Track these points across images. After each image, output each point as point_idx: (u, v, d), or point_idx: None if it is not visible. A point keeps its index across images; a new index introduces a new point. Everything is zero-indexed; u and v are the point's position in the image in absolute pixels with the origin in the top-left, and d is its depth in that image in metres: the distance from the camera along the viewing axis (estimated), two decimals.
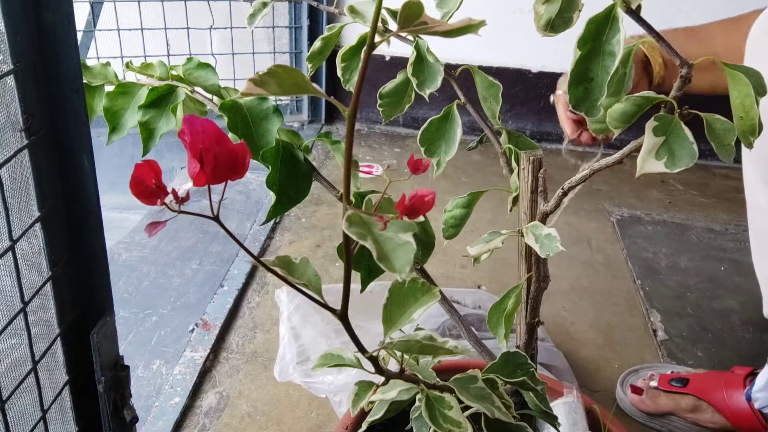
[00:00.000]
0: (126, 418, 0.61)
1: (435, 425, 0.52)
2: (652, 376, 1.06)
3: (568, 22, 0.48)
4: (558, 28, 0.48)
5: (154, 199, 0.34)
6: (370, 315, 0.85)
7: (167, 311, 1.25)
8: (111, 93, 0.67)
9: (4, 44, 0.45)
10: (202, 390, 1.06)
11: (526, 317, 0.66)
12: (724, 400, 0.98)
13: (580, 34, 0.47)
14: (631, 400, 1.06)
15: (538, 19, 0.48)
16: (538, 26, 0.48)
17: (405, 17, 0.34)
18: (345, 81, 0.66)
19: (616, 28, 0.46)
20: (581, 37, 0.47)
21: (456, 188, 1.78)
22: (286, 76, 0.34)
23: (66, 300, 0.55)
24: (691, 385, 1.02)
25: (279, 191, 0.62)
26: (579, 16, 0.48)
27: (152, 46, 1.85)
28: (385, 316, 0.50)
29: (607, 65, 0.47)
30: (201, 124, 0.33)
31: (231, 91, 0.67)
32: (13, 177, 0.48)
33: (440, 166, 0.66)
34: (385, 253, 0.33)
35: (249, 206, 1.65)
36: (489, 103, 0.68)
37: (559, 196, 0.57)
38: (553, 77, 2.08)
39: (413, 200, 0.38)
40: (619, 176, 1.91)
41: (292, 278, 0.41)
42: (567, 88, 0.48)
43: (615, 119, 0.50)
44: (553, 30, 0.48)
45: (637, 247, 1.57)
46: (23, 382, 0.53)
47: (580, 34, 0.47)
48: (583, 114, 0.48)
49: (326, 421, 1.01)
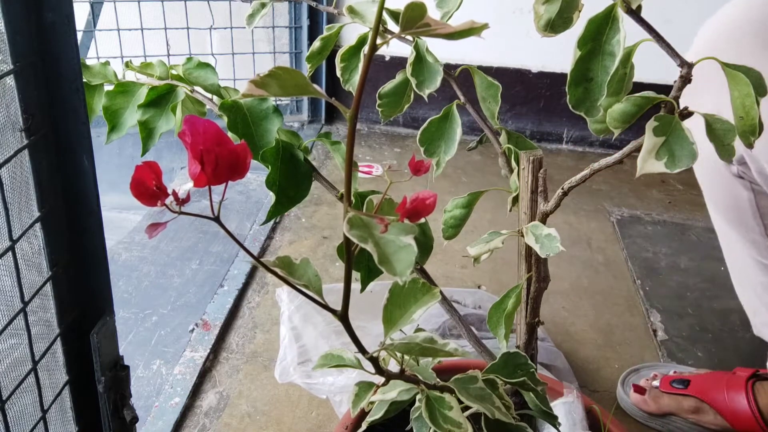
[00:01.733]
0: (126, 418, 0.61)
1: (435, 425, 0.52)
2: (655, 376, 1.06)
3: (568, 22, 0.48)
4: (558, 29, 0.48)
5: (154, 200, 0.34)
6: (371, 315, 0.85)
7: (167, 311, 1.25)
8: (110, 92, 0.67)
9: (4, 44, 0.45)
10: (202, 390, 1.06)
11: (526, 317, 0.66)
12: (725, 402, 0.98)
13: (580, 34, 0.47)
14: (633, 400, 1.05)
15: (538, 19, 0.48)
16: (538, 26, 0.48)
17: (407, 19, 0.34)
18: (344, 81, 0.66)
19: (616, 28, 0.46)
20: (581, 37, 0.47)
21: (456, 188, 1.78)
22: (287, 77, 0.34)
23: (66, 300, 0.55)
24: (692, 387, 1.01)
25: (279, 191, 0.62)
26: (579, 16, 0.48)
27: (152, 46, 1.85)
28: (386, 317, 0.50)
29: (607, 65, 0.47)
30: (202, 124, 0.33)
31: (231, 91, 0.66)
32: (13, 177, 0.48)
33: (440, 166, 0.66)
34: (386, 256, 0.33)
35: (249, 206, 1.65)
36: (488, 104, 0.68)
37: (560, 196, 0.57)
38: (553, 77, 2.08)
39: (414, 203, 0.38)
40: (619, 176, 1.90)
41: (292, 279, 0.41)
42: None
43: (615, 119, 0.50)
44: (553, 30, 0.48)
45: (637, 247, 1.57)
46: (23, 382, 0.52)
47: (580, 34, 0.47)
48: (582, 114, 0.48)
49: (326, 421, 1.01)
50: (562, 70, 2.07)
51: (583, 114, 0.49)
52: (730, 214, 0.95)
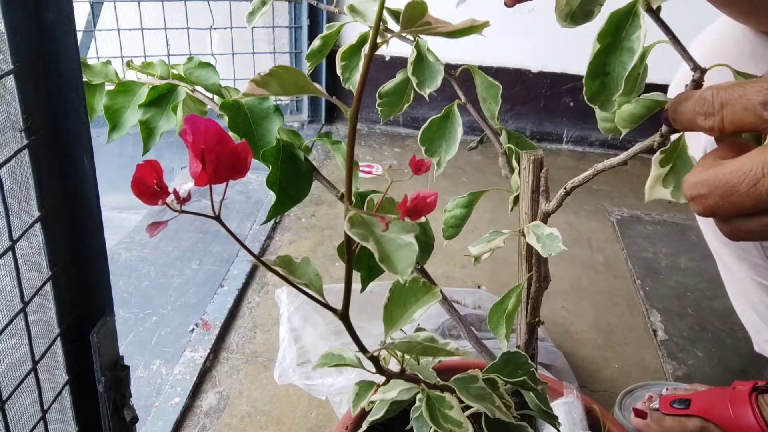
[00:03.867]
0: (126, 418, 0.60)
1: (435, 425, 0.52)
2: (651, 398, 1.03)
3: (588, 14, 0.47)
4: (578, 20, 0.47)
5: (155, 199, 0.34)
6: (371, 316, 0.85)
7: (167, 311, 1.25)
8: (111, 91, 0.67)
9: (4, 44, 0.45)
10: (202, 390, 1.06)
11: (526, 317, 0.66)
12: (731, 419, 0.94)
13: (600, 27, 0.46)
14: (635, 425, 1.02)
15: (560, 9, 0.47)
16: (559, 16, 0.47)
17: (408, 17, 0.34)
18: (345, 79, 0.66)
19: (637, 24, 0.46)
20: (601, 30, 0.46)
21: (456, 188, 1.78)
22: (287, 76, 0.34)
23: (66, 300, 0.55)
24: (694, 406, 0.98)
25: (279, 191, 0.62)
26: (600, 10, 0.47)
27: (152, 46, 1.85)
28: (386, 316, 0.50)
29: (625, 61, 0.46)
30: (203, 123, 0.33)
31: (232, 91, 0.66)
32: (13, 177, 0.48)
33: (440, 165, 0.66)
34: (387, 255, 0.33)
35: (249, 206, 1.65)
36: (488, 104, 0.68)
37: (562, 196, 0.57)
38: (553, 77, 2.08)
39: (415, 201, 0.38)
40: (619, 176, 1.91)
41: (293, 278, 0.41)
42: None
43: (624, 120, 0.49)
44: (573, 21, 0.47)
45: (637, 247, 1.57)
46: (23, 382, 0.52)
47: (600, 27, 0.46)
48: (596, 107, 0.48)
49: (326, 421, 1.01)
50: (562, 70, 2.07)
51: (598, 107, 0.48)
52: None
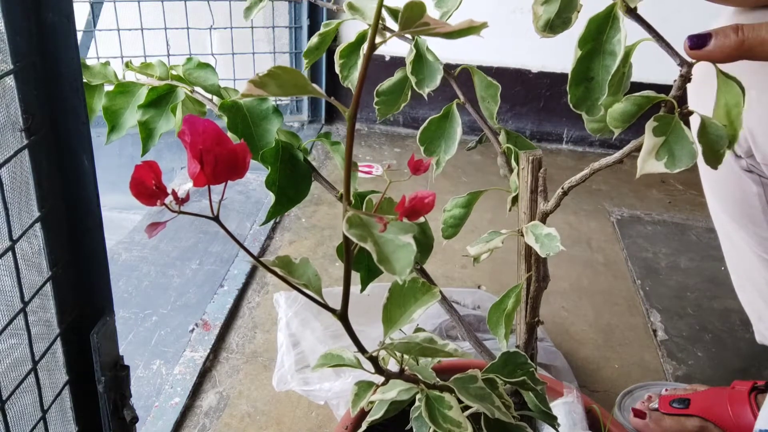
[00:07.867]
0: (126, 418, 0.61)
1: (435, 425, 0.52)
2: (650, 398, 1.03)
3: (567, 22, 0.48)
4: (557, 29, 0.48)
5: (154, 199, 0.34)
6: (369, 319, 0.85)
7: (167, 311, 1.25)
8: (111, 92, 0.67)
9: (4, 44, 0.45)
10: (202, 390, 1.06)
11: (525, 317, 0.66)
12: (731, 419, 0.95)
13: (580, 34, 0.47)
14: (634, 425, 1.02)
15: (537, 20, 0.48)
16: (537, 27, 0.48)
17: (407, 18, 0.34)
18: (343, 78, 0.66)
19: (617, 27, 0.46)
20: (582, 37, 0.47)
21: (456, 188, 1.78)
22: (286, 77, 0.34)
23: (66, 300, 0.55)
24: (694, 406, 0.98)
25: (278, 191, 0.62)
26: (578, 17, 0.48)
27: (152, 46, 1.85)
28: (385, 316, 0.50)
29: (608, 65, 0.47)
30: (201, 124, 0.33)
31: (231, 92, 0.66)
32: (13, 177, 0.48)
33: (440, 165, 0.66)
34: (385, 255, 0.33)
35: (249, 206, 1.65)
36: (487, 104, 0.68)
37: (560, 195, 0.57)
38: (553, 77, 2.08)
39: (413, 202, 0.38)
40: (619, 176, 1.91)
41: (292, 278, 0.41)
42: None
43: (615, 119, 0.50)
44: (551, 31, 0.48)
45: (637, 247, 1.57)
46: (23, 382, 0.53)
47: (580, 33, 0.47)
48: (583, 113, 0.48)
49: (326, 422, 1.01)
50: (562, 70, 2.07)
51: (584, 113, 0.49)
52: (737, 211, 0.93)
